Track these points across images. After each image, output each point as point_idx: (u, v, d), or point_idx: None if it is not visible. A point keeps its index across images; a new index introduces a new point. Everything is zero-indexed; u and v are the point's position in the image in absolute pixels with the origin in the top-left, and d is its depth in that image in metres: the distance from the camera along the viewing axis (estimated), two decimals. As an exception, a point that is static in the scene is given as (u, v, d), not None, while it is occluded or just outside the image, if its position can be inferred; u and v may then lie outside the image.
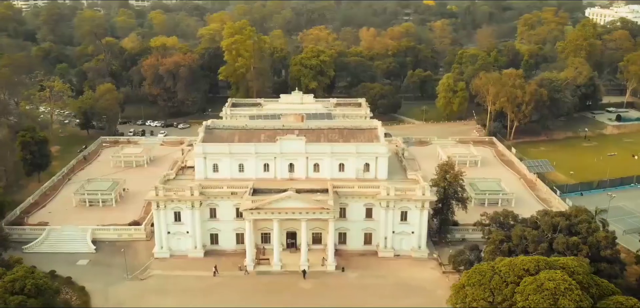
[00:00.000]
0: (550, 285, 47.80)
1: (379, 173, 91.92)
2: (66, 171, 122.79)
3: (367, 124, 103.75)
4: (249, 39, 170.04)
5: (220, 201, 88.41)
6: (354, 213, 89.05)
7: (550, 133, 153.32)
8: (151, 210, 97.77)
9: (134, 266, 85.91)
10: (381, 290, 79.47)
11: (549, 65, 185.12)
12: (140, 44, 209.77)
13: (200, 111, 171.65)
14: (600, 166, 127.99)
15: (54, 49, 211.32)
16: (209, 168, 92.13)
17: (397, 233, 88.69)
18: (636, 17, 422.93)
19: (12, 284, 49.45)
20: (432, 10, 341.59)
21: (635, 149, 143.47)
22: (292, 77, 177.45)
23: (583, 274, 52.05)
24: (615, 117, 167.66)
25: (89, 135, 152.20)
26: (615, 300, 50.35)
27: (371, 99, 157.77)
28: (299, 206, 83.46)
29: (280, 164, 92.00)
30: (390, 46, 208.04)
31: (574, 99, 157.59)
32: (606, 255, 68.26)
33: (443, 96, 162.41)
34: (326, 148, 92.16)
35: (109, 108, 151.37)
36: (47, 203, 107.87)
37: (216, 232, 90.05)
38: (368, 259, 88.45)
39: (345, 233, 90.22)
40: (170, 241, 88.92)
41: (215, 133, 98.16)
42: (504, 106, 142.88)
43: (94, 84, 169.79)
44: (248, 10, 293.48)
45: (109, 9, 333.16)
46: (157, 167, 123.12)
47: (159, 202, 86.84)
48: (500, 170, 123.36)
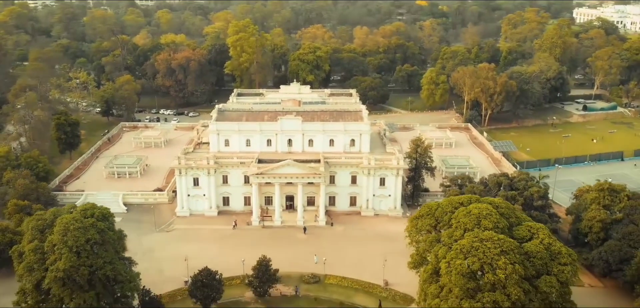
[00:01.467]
0: (476, 211, 66.01)
1: (363, 147, 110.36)
2: (94, 150, 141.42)
3: (353, 107, 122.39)
4: (252, 37, 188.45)
5: (231, 169, 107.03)
6: (342, 179, 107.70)
7: (521, 121, 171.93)
8: (171, 179, 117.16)
9: (159, 223, 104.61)
10: (362, 239, 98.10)
11: (526, 61, 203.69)
12: (151, 41, 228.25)
13: (208, 102, 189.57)
14: (562, 147, 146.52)
15: (72, 45, 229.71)
16: (222, 142, 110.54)
17: (376, 196, 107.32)
18: (621, 17, 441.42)
19: (84, 211, 67.40)
20: (424, 10, 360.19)
21: (596, 135, 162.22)
22: (291, 71, 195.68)
23: (505, 208, 70.24)
24: (582, 107, 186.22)
25: (109, 121, 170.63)
26: (526, 225, 68.68)
27: (362, 91, 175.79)
28: (296, 172, 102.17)
29: (281, 140, 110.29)
30: (381, 44, 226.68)
31: (544, 90, 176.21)
32: (537, 205, 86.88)
33: (426, 88, 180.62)
34: (319, 127, 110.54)
35: (128, 97, 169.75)
36: (80, 176, 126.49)
37: (227, 195, 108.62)
38: (353, 217, 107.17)
39: (334, 196, 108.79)
40: (190, 202, 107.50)
41: (226, 113, 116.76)
42: (478, 96, 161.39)
43: (112, 76, 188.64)
44: (250, 9, 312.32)
45: (117, 9, 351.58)
46: (172, 147, 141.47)
47: (181, 169, 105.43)
48: (471, 151, 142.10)
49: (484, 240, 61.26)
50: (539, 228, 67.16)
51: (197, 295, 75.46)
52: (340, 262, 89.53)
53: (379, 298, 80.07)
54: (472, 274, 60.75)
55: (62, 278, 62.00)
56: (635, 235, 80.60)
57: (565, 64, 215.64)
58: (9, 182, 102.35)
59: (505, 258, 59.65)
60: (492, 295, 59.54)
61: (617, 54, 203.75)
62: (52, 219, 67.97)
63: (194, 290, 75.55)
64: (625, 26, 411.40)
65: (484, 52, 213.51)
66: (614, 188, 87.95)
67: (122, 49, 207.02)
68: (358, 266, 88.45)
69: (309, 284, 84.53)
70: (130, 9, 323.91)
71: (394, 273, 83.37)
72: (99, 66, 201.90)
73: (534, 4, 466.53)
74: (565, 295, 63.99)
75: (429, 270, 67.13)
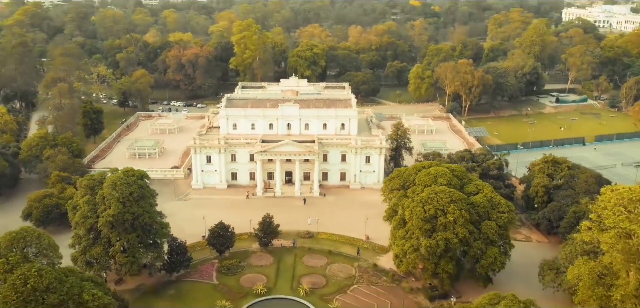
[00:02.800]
0: (433, 172, 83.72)
1: (351, 130, 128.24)
2: (115, 136, 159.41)
3: (344, 96, 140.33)
4: (254, 35, 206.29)
5: (238, 149, 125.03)
6: (333, 157, 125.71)
7: (498, 112, 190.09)
8: (186, 159, 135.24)
9: (178, 193, 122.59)
10: (349, 206, 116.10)
11: (507, 58, 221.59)
12: (161, 39, 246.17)
13: (214, 94, 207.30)
14: (530, 133, 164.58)
15: (87, 42, 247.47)
16: (230, 126, 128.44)
17: (363, 172, 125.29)
18: (607, 17, 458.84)
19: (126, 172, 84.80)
20: (417, 10, 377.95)
21: (564, 124, 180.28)
22: (290, 67, 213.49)
23: (458, 171, 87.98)
24: (555, 99, 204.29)
25: (125, 111, 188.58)
26: (475, 183, 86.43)
27: (355, 85, 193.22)
28: (294, 150, 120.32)
29: (281, 124, 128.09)
30: (374, 42, 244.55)
31: (520, 84, 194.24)
32: (493, 174, 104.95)
33: (413, 82, 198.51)
34: (314, 112, 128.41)
35: (142, 90, 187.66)
36: (105, 156, 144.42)
37: (235, 171, 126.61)
38: (342, 190, 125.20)
39: (327, 172, 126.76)
40: (203, 176, 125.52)
41: (234, 101, 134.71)
42: (458, 89, 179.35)
43: (126, 71, 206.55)
44: (251, 9, 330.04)
45: (123, 8, 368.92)
46: (184, 134, 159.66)
47: (196, 148, 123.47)
48: (450, 136, 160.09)
49: (438, 192, 79.29)
50: (485, 186, 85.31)
51: (214, 243, 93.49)
52: (330, 223, 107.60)
53: (357, 247, 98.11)
54: (429, 218, 78.63)
55: (111, 222, 79.89)
56: (572, 197, 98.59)
57: (544, 60, 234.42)
58: (48, 158, 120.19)
59: (454, 206, 77.65)
60: (444, 234, 77.52)
61: (590, 52, 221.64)
62: (100, 179, 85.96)
63: (211, 240, 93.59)
64: (611, 25, 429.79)
65: (468, 49, 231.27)
66: (557, 160, 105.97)
67: (134, 46, 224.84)
68: (345, 226, 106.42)
69: (304, 239, 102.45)
70: (138, 8, 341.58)
71: (374, 231, 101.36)
72: (114, 62, 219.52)
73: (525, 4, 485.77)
74: (503, 236, 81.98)
75: (397, 219, 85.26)
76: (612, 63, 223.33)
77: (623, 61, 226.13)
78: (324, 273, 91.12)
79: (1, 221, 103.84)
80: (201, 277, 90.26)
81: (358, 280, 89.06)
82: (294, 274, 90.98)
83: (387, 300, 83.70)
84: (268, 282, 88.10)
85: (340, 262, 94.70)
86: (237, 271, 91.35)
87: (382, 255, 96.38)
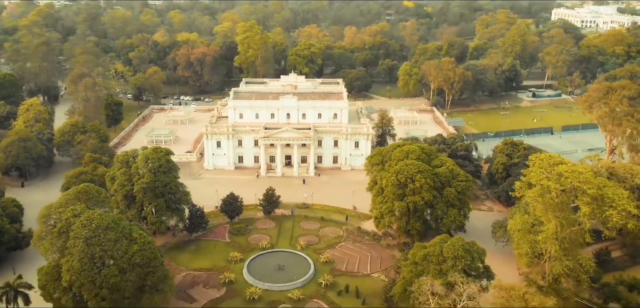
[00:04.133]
0: (406, 149, 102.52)
1: (343, 119, 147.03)
2: (133, 126, 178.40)
3: (336, 90, 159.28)
4: (257, 35, 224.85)
5: (244, 135, 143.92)
6: (326, 143, 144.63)
7: (478, 105, 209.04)
8: (197, 145, 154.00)
9: (192, 174, 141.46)
10: (340, 184, 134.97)
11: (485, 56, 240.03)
12: (169, 39, 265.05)
13: (220, 90, 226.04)
14: (503, 123, 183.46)
15: (101, 42, 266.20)
16: (237, 115, 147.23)
17: (352, 156, 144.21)
18: (594, 17, 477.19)
19: (155, 149, 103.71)
20: (411, 11, 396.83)
21: (537, 116, 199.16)
22: (289, 65, 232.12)
23: (428, 149, 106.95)
24: (531, 94, 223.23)
25: (140, 105, 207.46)
26: (440, 158, 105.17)
27: (349, 81, 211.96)
28: (292, 136, 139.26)
29: (281, 114, 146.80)
30: (367, 41, 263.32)
31: (499, 80, 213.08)
32: (461, 155, 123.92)
33: (402, 79, 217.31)
34: (310, 104, 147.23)
35: (155, 85, 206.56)
36: (126, 143, 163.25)
37: (242, 155, 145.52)
38: (335, 171, 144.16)
39: (321, 155, 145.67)
40: (214, 159, 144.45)
41: (240, 94, 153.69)
42: (441, 84, 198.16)
43: (139, 68, 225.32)
44: (253, 10, 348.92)
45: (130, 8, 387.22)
46: (194, 125, 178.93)
47: (208, 135, 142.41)
48: (432, 126, 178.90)
49: (408, 164, 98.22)
50: (448, 161, 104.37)
51: (226, 210, 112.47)
52: (323, 197, 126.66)
53: (346, 215, 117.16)
54: (401, 185, 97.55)
55: (144, 188, 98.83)
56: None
57: (525, 58, 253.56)
58: (80, 142, 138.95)
59: (421, 175, 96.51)
60: (413, 198, 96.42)
61: (566, 51, 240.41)
62: (133, 155, 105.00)
63: (224, 207, 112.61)
64: (598, 25, 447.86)
65: (454, 49, 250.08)
66: (515, 143, 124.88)
67: (146, 45, 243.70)
68: (336, 199, 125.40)
69: (301, 209, 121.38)
70: (146, 9, 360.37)
71: (360, 203, 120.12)
72: (127, 60, 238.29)
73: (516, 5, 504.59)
74: (462, 201, 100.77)
75: (377, 188, 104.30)
76: (587, 61, 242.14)
77: (597, 59, 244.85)
78: (317, 234, 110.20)
79: (42, 195, 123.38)
80: (216, 236, 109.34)
81: (345, 239, 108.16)
82: (293, 235, 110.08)
83: (368, 253, 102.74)
84: (271, 240, 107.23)
85: (330, 226, 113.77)
86: (245, 232, 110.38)
87: (365, 221, 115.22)
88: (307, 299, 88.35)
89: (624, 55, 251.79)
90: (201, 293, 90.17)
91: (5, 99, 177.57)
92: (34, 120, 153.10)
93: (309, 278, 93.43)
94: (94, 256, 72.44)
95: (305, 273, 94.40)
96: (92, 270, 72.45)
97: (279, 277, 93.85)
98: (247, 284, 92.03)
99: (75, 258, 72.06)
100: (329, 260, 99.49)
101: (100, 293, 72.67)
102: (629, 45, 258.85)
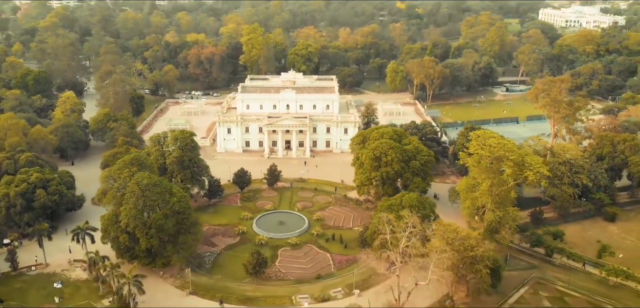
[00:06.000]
0: (381, 130, 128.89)
1: (334, 109, 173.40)
2: (152, 116, 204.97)
3: (329, 85, 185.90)
4: (260, 37, 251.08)
5: (251, 123, 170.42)
6: (320, 130, 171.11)
7: (456, 99, 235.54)
8: (210, 132, 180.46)
9: (206, 156, 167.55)
10: (331, 164, 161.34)
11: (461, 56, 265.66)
12: (179, 39, 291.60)
13: (226, 86, 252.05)
14: (474, 114, 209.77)
15: (117, 42, 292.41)
16: (244, 106, 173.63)
17: (342, 140, 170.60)
18: (578, 17, 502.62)
19: (183, 131, 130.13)
20: (402, 12, 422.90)
21: (507, 108, 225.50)
22: (289, 63, 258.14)
23: (400, 131, 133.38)
24: (505, 89, 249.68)
25: (156, 99, 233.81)
26: (408, 139, 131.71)
27: (342, 78, 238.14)
28: (291, 123, 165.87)
29: (282, 105, 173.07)
30: (359, 42, 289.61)
31: (475, 76, 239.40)
32: (430, 137, 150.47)
33: (390, 75, 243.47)
34: (306, 97, 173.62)
35: (170, 81, 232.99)
36: (149, 131, 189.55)
37: (248, 140, 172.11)
38: (327, 153, 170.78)
39: (316, 140, 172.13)
40: (225, 143, 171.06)
41: (247, 88, 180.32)
42: (423, 80, 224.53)
43: (154, 66, 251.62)
44: (255, 12, 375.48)
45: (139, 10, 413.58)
46: (205, 116, 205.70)
47: (220, 122, 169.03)
48: (413, 117, 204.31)
49: (382, 142, 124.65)
50: (414, 140, 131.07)
51: (237, 182, 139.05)
52: (317, 173, 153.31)
53: (335, 186, 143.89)
54: (376, 158, 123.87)
55: (175, 161, 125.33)
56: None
57: (503, 57, 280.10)
58: (113, 129, 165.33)
59: (392, 151, 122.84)
60: (386, 168, 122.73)
61: (539, 50, 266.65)
62: (163, 136, 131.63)
63: (235, 180, 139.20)
64: (581, 25, 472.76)
65: (438, 48, 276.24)
66: (474, 127, 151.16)
67: (159, 45, 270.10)
68: (327, 175, 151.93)
69: (298, 182, 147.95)
70: (155, 11, 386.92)
71: (346, 177, 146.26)
72: (142, 59, 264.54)
73: (505, 5, 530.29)
74: (425, 171, 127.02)
75: (358, 163, 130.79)
76: (557, 59, 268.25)
77: (567, 57, 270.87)
78: (311, 201, 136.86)
79: (84, 171, 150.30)
80: (229, 202, 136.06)
81: (333, 204, 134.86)
82: (291, 201, 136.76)
83: (350, 213, 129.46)
84: (274, 205, 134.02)
85: (322, 195, 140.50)
86: (253, 199, 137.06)
87: (350, 191, 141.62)
88: (302, 244, 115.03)
89: (594, 53, 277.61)
90: (221, 241, 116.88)
91: (39, 93, 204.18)
92: (70, 110, 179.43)
93: (304, 230, 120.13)
94: (145, 205, 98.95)
95: (301, 226, 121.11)
96: (143, 216, 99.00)
97: (280, 229, 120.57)
98: (256, 234, 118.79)
99: (131, 207, 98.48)
100: (320, 218, 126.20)
101: (149, 232, 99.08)
102: (598, 44, 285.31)
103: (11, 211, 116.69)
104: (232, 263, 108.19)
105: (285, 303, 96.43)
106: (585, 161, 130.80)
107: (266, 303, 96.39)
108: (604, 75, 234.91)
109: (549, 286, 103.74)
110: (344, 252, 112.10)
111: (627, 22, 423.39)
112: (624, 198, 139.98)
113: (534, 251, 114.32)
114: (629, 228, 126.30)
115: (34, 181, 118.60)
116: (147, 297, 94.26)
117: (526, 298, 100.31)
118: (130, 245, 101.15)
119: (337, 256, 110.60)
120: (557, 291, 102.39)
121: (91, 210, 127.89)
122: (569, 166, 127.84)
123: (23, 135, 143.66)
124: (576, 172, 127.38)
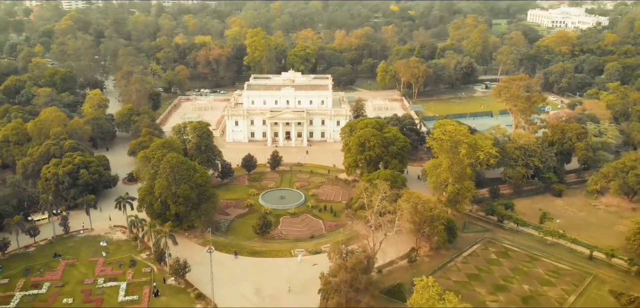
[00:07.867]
0: (366, 121, 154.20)
1: (328, 104, 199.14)
2: (168, 111, 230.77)
3: (324, 83, 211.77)
4: (262, 39, 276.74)
5: (255, 116, 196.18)
6: (316, 122, 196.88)
7: (439, 95, 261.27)
8: (219, 125, 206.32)
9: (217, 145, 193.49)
10: (325, 151, 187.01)
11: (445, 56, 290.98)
12: (188, 41, 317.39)
13: (232, 84, 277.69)
14: (454, 108, 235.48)
15: (131, 44, 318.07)
16: (250, 102, 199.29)
17: (335, 132, 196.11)
18: (564, 18, 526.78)
19: (199, 121, 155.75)
20: (396, 14, 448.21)
21: (484, 103, 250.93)
22: (288, 63, 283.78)
23: (381, 122, 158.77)
24: (484, 87, 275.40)
25: (169, 96, 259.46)
26: (387, 128, 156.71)
27: (337, 76, 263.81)
28: (291, 116, 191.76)
29: (282, 101, 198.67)
30: (353, 43, 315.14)
31: (457, 75, 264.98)
32: (408, 128, 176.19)
33: (380, 74, 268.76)
34: (304, 93, 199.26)
35: (181, 80, 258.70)
36: (165, 124, 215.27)
37: (253, 131, 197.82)
38: (322, 143, 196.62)
39: (312, 132, 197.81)
40: (233, 134, 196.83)
41: (252, 86, 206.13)
42: (409, 79, 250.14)
43: (166, 67, 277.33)
44: (257, 15, 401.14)
45: (147, 12, 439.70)
46: (214, 111, 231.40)
47: (229, 116, 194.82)
48: (399, 111, 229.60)
49: (366, 131, 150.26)
50: (393, 129, 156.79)
51: (245, 165, 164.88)
52: (313, 159, 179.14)
53: (328, 169, 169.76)
54: (361, 144, 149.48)
55: (194, 146, 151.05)
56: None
57: (486, 57, 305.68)
58: (136, 121, 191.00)
59: (374, 138, 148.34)
60: (369, 152, 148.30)
61: (517, 50, 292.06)
62: (183, 126, 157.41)
63: (243, 163, 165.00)
64: (567, 26, 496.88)
65: (426, 49, 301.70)
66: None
67: (170, 46, 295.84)
68: (322, 161, 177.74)
69: (297, 167, 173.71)
70: (163, 14, 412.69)
71: (338, 162, 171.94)
72: (155, 59, 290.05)
73: (496, 5, 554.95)
74: (402, 155, 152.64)
75: (347, 148, 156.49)
76: (534, 59, 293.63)
77: (544, 58, 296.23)
78: (308, 181, 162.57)
79: (113, 157, 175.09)
80: (239, 182, 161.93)
81: (326, 184, 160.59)
82: (291, 181, 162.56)
83: (340, 190, 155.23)
84: (276, 184, 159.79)
85: (317, 177, 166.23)
86: (259, 179, 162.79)
87: (341, 174, 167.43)
88: (299, 213, 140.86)
89: (569, 53, 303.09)
90: (233, 211, 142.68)
91: (66, 91, 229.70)
92: (97, 106, 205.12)
93: (301, 203, 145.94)
94: (175, 179, 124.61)
95: (298, 200, 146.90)
96: (172, 187, 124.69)
97: (282, 202, 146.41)
98: (261, 206, 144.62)
99: (163, 180, 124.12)
100: (314, 195, 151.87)
101: (177, 200, 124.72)
102: (573, 45, 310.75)
103: (60, 187, 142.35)
104: (243, 227, 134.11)
105: (286, 255, 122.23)
106: (538, 147, 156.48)
107: (271, 255, 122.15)
108: (572, 74, 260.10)
109: (498, 244, 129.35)
110: (333, 219, 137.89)
111: (611, 23, 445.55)
112: (572, 178, 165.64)
113: (489, 219, 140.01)
114: (571, 202, 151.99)
115: (78, 162, 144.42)
116: (178, 250, 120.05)
117: (478, 252, 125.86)
118: (162, 211, 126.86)
119: (328, 222, 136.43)
120: (503, 247, 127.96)
121: (123, 187, 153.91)
122: (523, 151, 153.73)
123: (64, 126, 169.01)
124: (529, 155, 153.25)
